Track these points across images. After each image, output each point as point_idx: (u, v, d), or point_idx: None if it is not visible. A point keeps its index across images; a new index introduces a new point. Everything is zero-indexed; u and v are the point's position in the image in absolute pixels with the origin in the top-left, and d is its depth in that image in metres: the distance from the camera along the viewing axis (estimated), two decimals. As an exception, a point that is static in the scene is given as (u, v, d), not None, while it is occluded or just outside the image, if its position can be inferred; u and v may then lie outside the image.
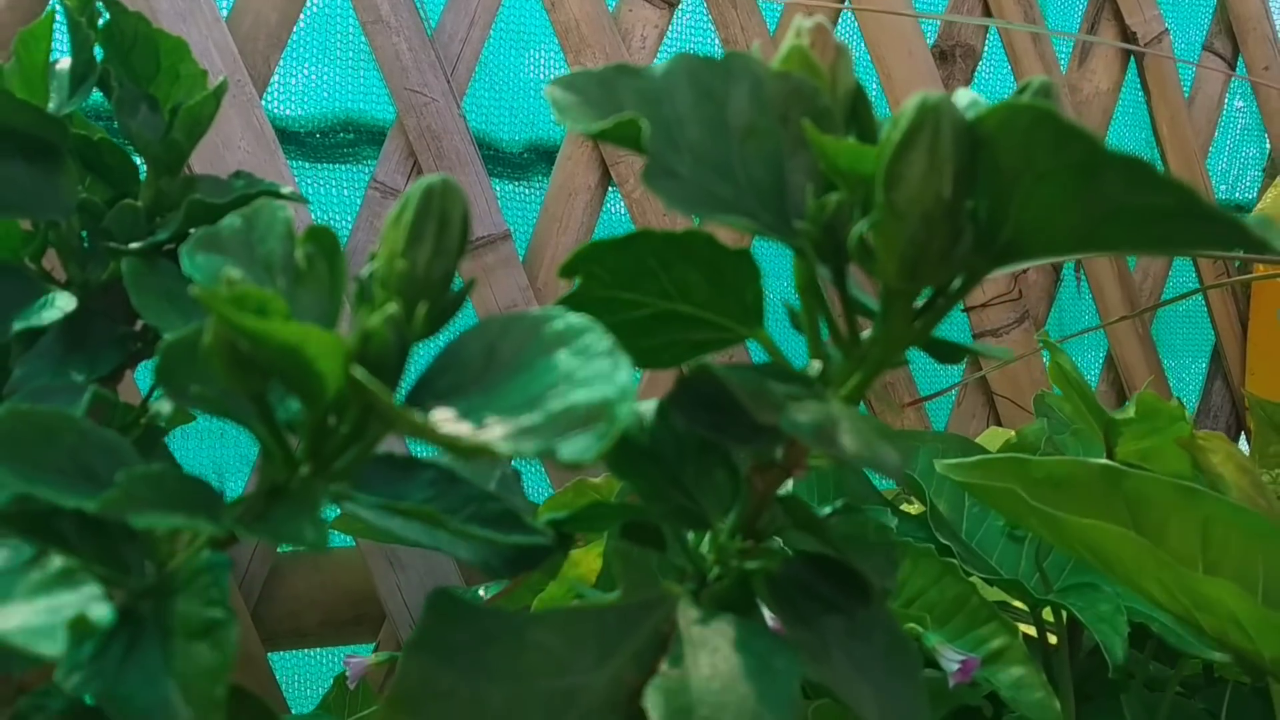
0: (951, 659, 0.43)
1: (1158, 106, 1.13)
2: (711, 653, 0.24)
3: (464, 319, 0.28)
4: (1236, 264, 1.14)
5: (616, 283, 0.28)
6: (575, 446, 0.20)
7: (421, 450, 0.36)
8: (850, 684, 0.26)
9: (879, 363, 0.26)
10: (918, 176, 0.23)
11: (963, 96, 0.27)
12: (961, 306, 1.04)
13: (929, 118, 0.23)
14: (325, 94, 0.89)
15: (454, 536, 0.26)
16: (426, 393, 0.22)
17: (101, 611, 0.20)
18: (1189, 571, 0.36)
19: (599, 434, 0.20)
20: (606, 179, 0.92)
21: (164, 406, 0.23)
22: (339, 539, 0.85)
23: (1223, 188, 1.27)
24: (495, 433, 0.20)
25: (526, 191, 0.95)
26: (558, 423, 0.20)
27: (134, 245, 0.32)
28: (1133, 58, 1.12)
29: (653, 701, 0.23)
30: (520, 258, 0.89)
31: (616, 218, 0.93)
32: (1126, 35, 1.11)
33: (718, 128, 0.26)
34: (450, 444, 0.19)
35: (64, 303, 0.32)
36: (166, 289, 0.32)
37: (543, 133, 0.95)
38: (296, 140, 0.86)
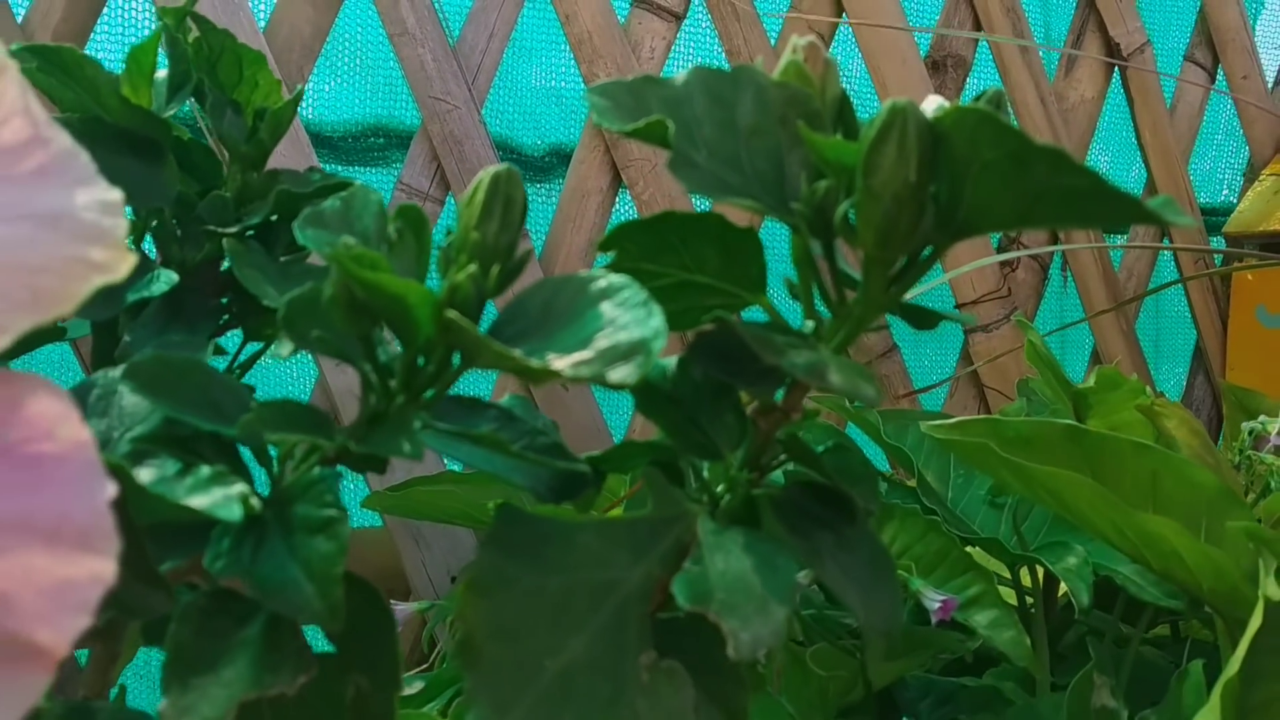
0: (933, 599, 0.49)
1: (1140, 114, 1.18)
2: (725, 554, 0.30)
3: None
4: (1217, 260, 1.20)
5: (644, 256, 0.33)
6: (621, 373, 0.25)
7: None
8: (840, 585, 0.31)
9: (860, 320, 0.32)
10: (889, 165, 0.29)
11: (931, 102, 0.33)
12: (954, 303, 1.10)
13: (898, 118, 0.28)
14: (355, 101, 0.94)
15: (513, 461, 0.32)
16: (497, 338, 0.28)
17: (254, 497, 0.26)
18: (1137, 512, 0.41)
19: (639, 364, 0.26)
20: (618, 182, 0.98)
21: (283, 349, 0.29)
22: (367, 518, 0.91)
23: (1205, 192, 1.32)
24: (560, 363, 0.26)
25: (548, 193, 1.01)
26: (606, 356, 0.26)
27: (230, 229, 0.38)
28: (1117, 67, 1.17)
29: (679, 588, 0.29)
30: (537, 255, 0.95)
31: (627, 218, 0.99)
32: (1110, 46, 1.16)
33: (728, 127, 0.32)
34: (526, 370, 0.25)
35: (168, 279, 0.38)
36: (260, 264, 0.38)
37: (563, 137, 1.01)
38: (329, 144, 0.92)
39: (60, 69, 0.36)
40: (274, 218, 0.40)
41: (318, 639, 0.29)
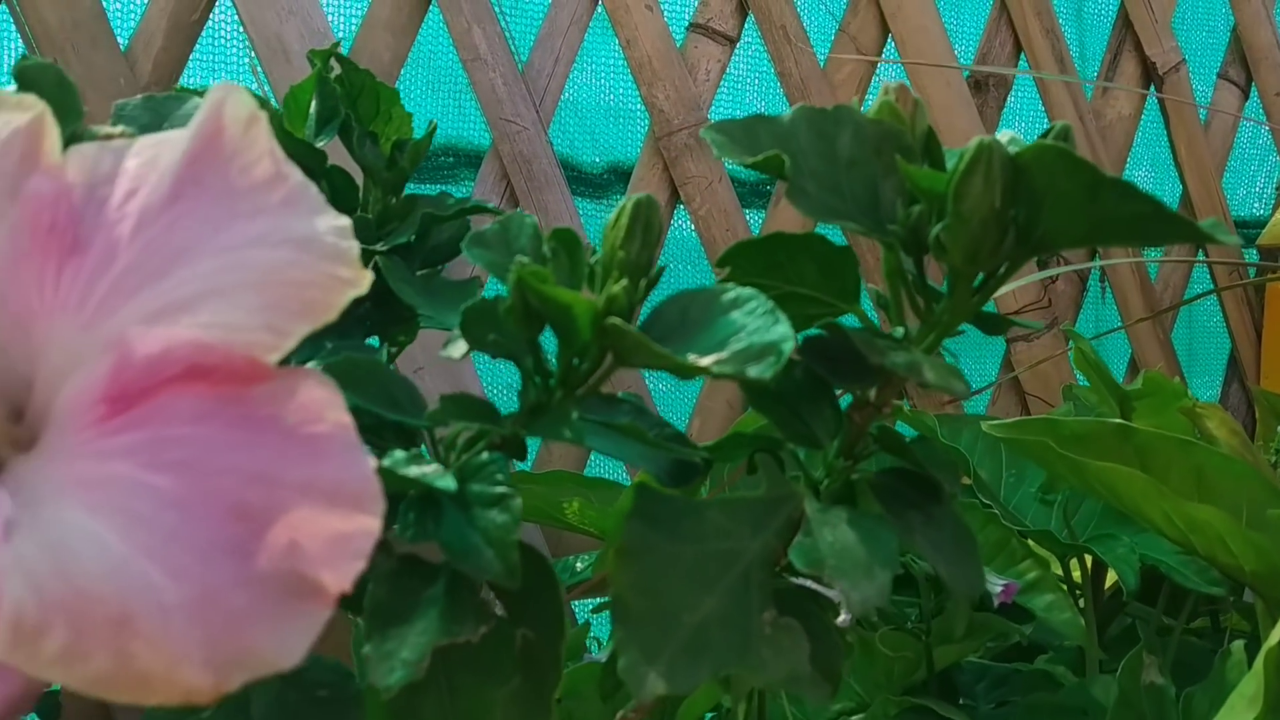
0: (995, 583, 0.53)
1: (1176, 130, 1.22)
2: (832, 528, 0.35)
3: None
4: (1250, 272, 1.23)
5: (755, 271, 0.38)
6: (757, 369, 0.30)
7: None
8: (930, 556, 0.36)
9: (948, 326, 0.36)
10: (977, 193, 0.33)
11: (1004, 136, 0.37)
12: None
13: (984, 152, 0.33)
14: (427, 122, 1.00)
15: (644, 448, 0.37)
16: (642, 341, 0.33)
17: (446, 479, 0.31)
18: (1185, 501, 0.46)
19: (771, 363, 0.30)
20: (675, 198, 1.03)
21: (455, 351, 0.34)
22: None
23: (1238, 205, 1.36)
24: (704, 361, 0.31)
25: (606, 208, 1.06)
26: (741, 356, 0.31)
27: (381, 247, 0.43)
28: (1153, 85, 1.21)
29: (796, 556, 0.33)
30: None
31: (685, 232, 1.04)
32: (1146, 65, 1.20)
33: (830, 159, 0.37)
34: (679, 367, 0.30)
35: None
36: (408, 278, 0.43)
37: (620, 155, 1.06)
38: (406, 164, 0.97)
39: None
40: (412, 237, 0.45)
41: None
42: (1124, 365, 1.26)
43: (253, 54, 0.89)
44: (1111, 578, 0.68)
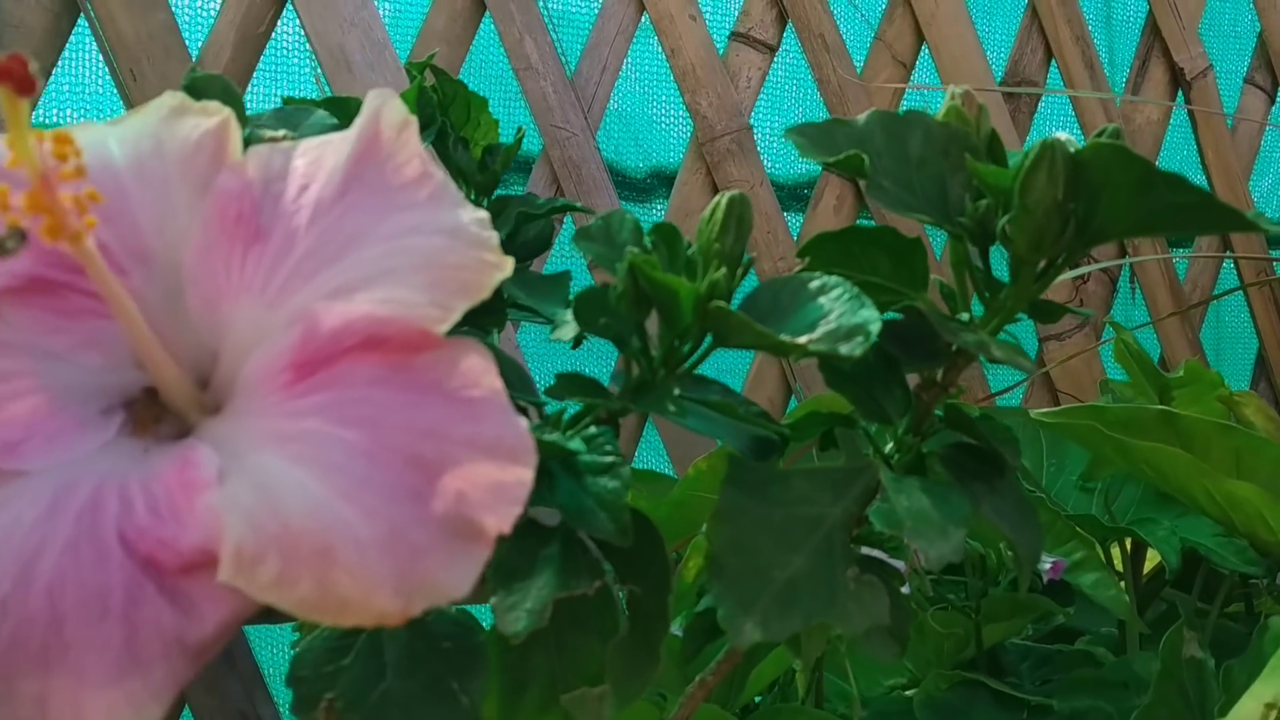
0: (1044, 560, 0.56)
1: (1203, 134, 1.25)
2: (907, 495, 0.38)
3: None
4: (1277, 270, 1.26)
5: (831, 261, 0.41)
6: (848, 347, 0.34)
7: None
8: (996, 522, 0.39)
9: (1011, 310, 0.40)
10: (1041, 187, 0.37)
11: (1061, 136, 0.41)
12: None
13: (1048, 150, 0.37)
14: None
15: (730, 425, 0.40)
16: (737, 323, 0.36)
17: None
18: (1226, 478, 0.49)
19: (860, 341, 0.34)
20: (718, 201, 1.06)
21: (566, 334, 0.37)
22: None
23: (1264, 207, 1.39)
24: (800, 339, 0.34)
25: (649, 212, 1.09)
26: (832, 335, 0.34)
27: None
28: (1180, 90, 1.24)
29: (876, 518, 0.37)
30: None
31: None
32: (1174, 71, 1.23)
33: (902, 158, 0.40)
34: (780, 346, 0.33)
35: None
36: (505, 271, 0.46)
37: (663, 160, 1.10)
38: (460, 169, 1.01)
39: (346, 115, 0.45)
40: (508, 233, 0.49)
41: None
42: (1154, 361, 1.29)
43: (316, 64, 0.93)
44: (1149, 564, 0.71)
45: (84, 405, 0.28)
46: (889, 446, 0.43)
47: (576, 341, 0.39)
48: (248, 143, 0.31)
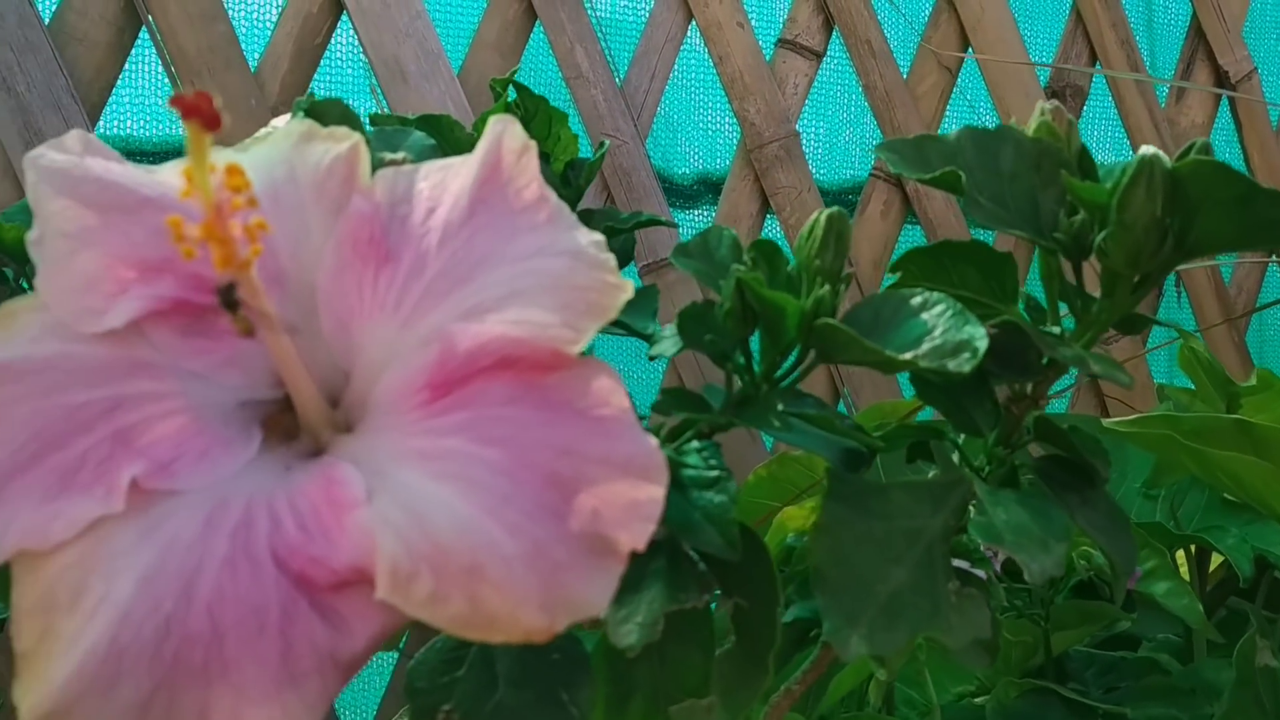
0: (1116, 569, 0.57)
1: (1248, 138, 1.25)
2: (1004, 508, 0.38)
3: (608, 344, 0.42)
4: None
5: (922, 275, 0.42)
6: (956, 363, 0.34)
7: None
8: (1091, 534, 0.40)
9: (1104, 324, 0.40)
10: (1139, 202, 0.37)
11: (1148, 150, 0.41)
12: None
13: (1146, 166, 0.37)
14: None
15: (822, 437, 0.41)
16: (839, 339, 0.37)
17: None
18: (1305, 488, 0.49)
19: (968, 357, 0.34)
20: (765, 208, 1.07)
21: (668, 349, 0.38)
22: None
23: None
24: (906, 355, 0.34)
25: (696, 218, 1.10)
26: (937, 352, 0.35)
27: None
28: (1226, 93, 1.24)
29: (976, 532, 0.37)
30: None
31: (775, 237, 1.08)
32: (1219, 73, 1.23)
33: (994, 173, 0.40)
34: (888, 362, 0.34)
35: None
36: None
37: (710, 167, 1.10)
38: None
39: (439, 132, 0.46)
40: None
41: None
42: (1197, 368, 1.28)
43: (371, 75, 0.94)
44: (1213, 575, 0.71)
45: (225, 424, 0.29)
46: (978, 458, 0.43)
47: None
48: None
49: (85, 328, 0.28)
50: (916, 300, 0.37)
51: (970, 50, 1.13)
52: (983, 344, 0.34)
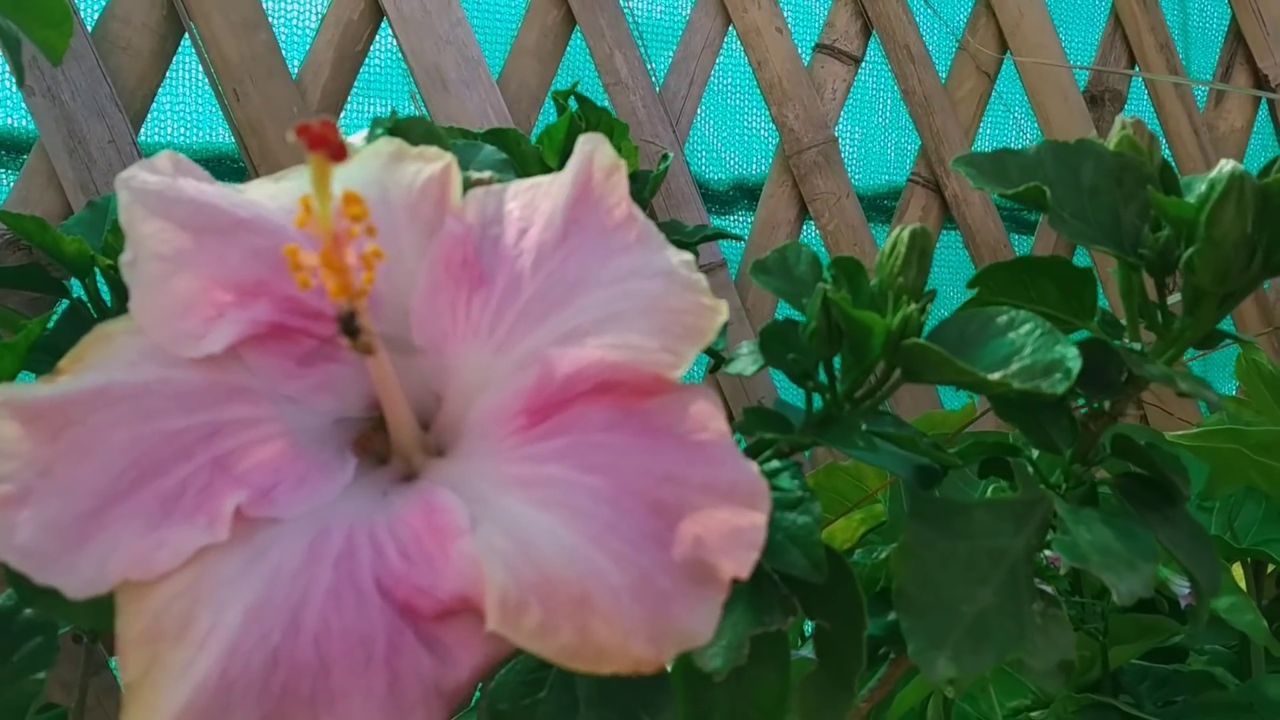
0: (1181, 586, 0.56)
1: (1289, 140, 1.23)
2: (1087, 527, 0.38)
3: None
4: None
5: (1001, 291, 0.41)
6: (1048, 383, 0.34)
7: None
8: (1173, 553, 0.39)
9: (1188, 340, 0.39)
10: (1229, 219, 0.36)
11: (1234, 166, 0.40)
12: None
13: (1236, 182, 0.36)
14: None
15: (901, 455, 0.40)
16: (923, 357, 0.36)
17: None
18: (1380, 505, 0.48)
19: (1060, 378, 0.34)
20: (803, 213, 1.06)
21: (748, 368, 0.37)
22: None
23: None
24: (996, 375, 0.34)
25: (732, 224, 1.10)
26: (1029, 371, 0.34)
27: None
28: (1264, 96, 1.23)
29: (1061, 552, 0.37)
30: (732, 279, 1.04)
31: (813, 242, 1.07)
32: (1258, 77, 1.22)
33: (1074, 187, 0.40)
34: (980, 383, 0.33)
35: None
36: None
37: (745, 172, 1.10)
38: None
39: (506, 146, 0.46)
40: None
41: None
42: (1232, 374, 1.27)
43: (412, 82, 0.94)
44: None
45: (320, 449, 0.29)
46: (1055, 476, 0.42)
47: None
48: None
49: (183, 352, 0.28)
50: (1003, 318, 0.36)
51: (1009, 54, 1.12)
52: (1076, 364, 0.34)
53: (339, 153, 0.23)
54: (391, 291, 0.30)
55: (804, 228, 1.07)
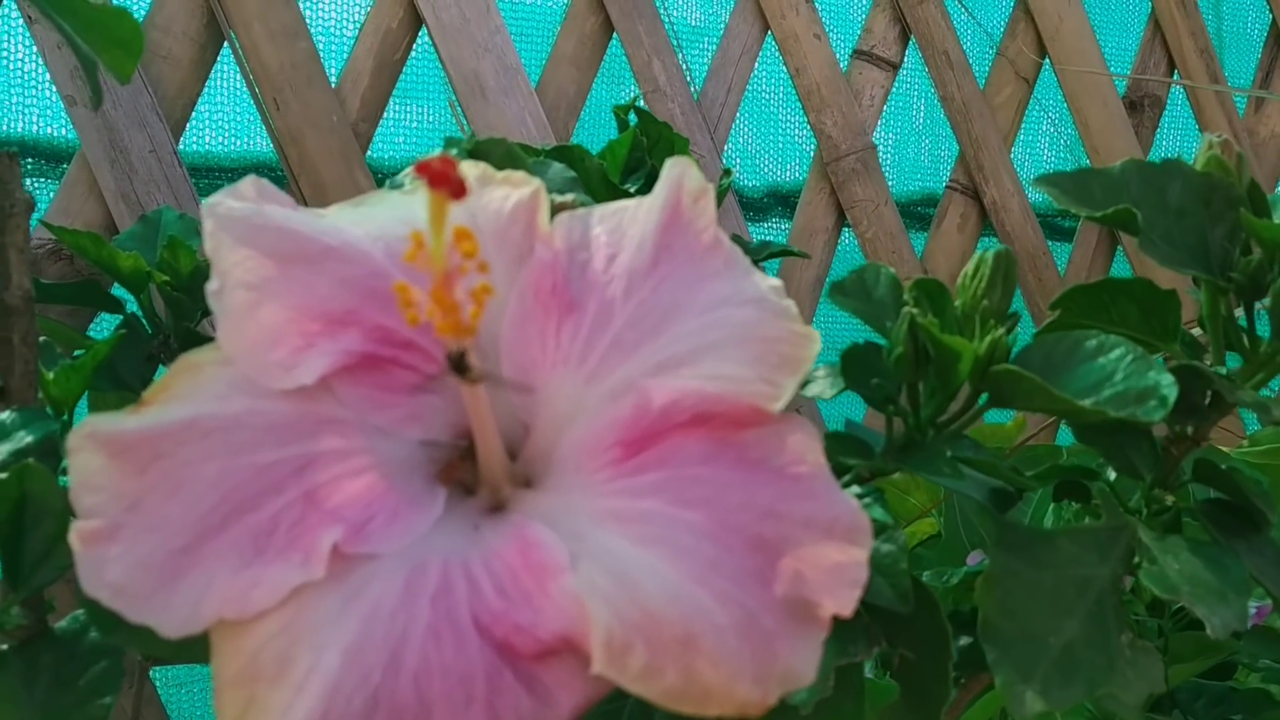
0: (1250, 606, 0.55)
1: (1331, 146, 1.22)
2: (1175, 556, 0.37)
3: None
4: None
5: (1081, 313, 0.41)
6: (1144, 410, 0.33)
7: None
8: (1260, 579, 0.38)
9: (1277, 365, 0.38)
10: (1325, 242, 0.35)
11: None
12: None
13: (1332, 205, 0.35)
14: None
15: (977, 478, 0.39)
16: (1009, 383, 0.36)
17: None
18: None
19: (1156, 406, 0.33)
20: (841, 221, 1.05)
21: (826, 391, 0.36)
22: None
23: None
24: (1085, 402, 0.33)
25: (766, 231, 1.09)
26: (1122, 399, 0.33)
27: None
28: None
29: (1150, 582, 0.36)
30: (772, 290, 1.03)
31: (850, 255, 1.06)
32: (1301, 82, 1.20)
33: (1160, 208, 0.39)
34: (1074, 410, 0.33)
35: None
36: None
37: (779, 179, 1.09)
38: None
39: (569, 162, 0.45)
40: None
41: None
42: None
43: (450, 90, 0.94)
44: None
45: (410, 481, 0.28)
46: (1135, 501, 0.42)
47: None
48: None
49: (273, 384, 0.27)
50: (1092, 343, 0.36)
51: (1047, 59, 1.11)
52: (1171, 392, 0.33)
53: (459, 190, 0.22)
54: (482, 320, 0.30)
55: (841, 235, 1.06)
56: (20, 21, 0.85)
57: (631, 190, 0.49)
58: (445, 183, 0.22)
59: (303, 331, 0.28)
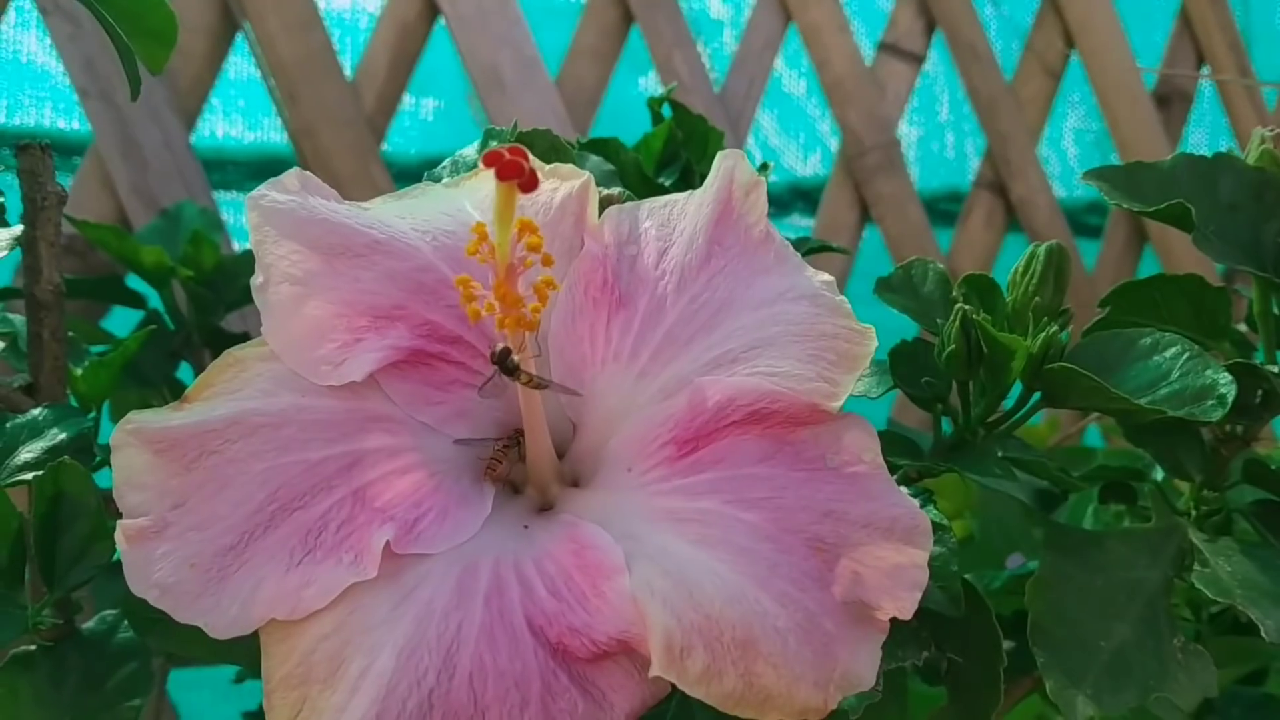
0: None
1: (1359, 142, 1.21)
2: (1227, 559, 0.36)
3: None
4: None
5: (1131, 309, 0.40)
6: (1202, 409, 0.32)
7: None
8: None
9: (1332, 364, 0.38)
10: (1386, 239, 0.35)
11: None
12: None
13: (1393, 200, 0.35)
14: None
15: (1022, 480, 0.39)
16: (1061, 381, 0.35)
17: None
18: None
19: (1214, 405, 0.32)
20: (864, 217, 1.04)
21: (871, 390, 0.36)
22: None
23: None
24: (1142, 401, 0.32)
25: (788, 227, 1.08)
26: (1179, 397, 0.33)
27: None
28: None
29: (1203, 585, 0.35)
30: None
31: (874, 247, 1.05)
32: (1329, 77, 1.19)
33: (1211, 203, 0.38)
34: (1132, 408, 0.32)
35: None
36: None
37: (799, 174, 1.08)
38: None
39: (606, 156, 0.44)
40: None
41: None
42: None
43: (468, 83, 0.93)
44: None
45: (457, 479, 0.28)
46: (1183, 501, 0.41)
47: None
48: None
49: (321, 380, 0.27)
50: (1146, 340, 0.35)
51: (1075, 54, 1.10)
52: (1230, 391, 0.32)
53: (530, 183, 0.22)
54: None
55: (864, 231, 1.05)
56: (34, 13, 0.85)
57: (666, 184, 0.48)
58: (516, 174, 0.21)
59: (350, 327, 0.27)
